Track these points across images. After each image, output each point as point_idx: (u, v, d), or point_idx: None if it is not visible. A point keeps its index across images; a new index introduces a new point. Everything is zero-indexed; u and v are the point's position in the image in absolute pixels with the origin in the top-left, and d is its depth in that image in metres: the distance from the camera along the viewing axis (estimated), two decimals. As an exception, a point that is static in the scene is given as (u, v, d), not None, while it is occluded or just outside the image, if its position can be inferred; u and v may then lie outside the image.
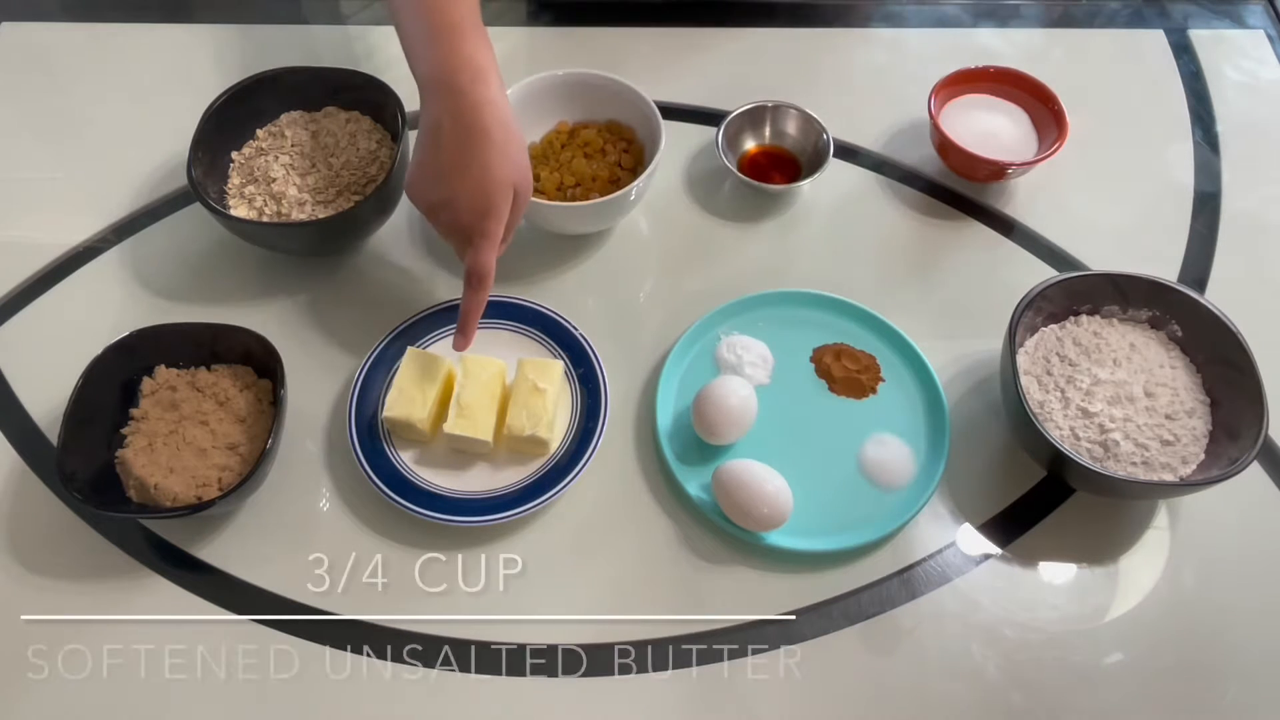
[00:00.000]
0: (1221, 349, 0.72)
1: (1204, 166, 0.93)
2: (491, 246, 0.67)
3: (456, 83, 0.66)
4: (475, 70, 0.66)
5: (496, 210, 0.67)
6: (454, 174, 0.66)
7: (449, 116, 0.66)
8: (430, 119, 0.67)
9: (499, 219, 0.67)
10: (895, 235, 0.88)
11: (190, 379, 0.74)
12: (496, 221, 0.67)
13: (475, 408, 0.72)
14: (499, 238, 0.68)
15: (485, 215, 0.66)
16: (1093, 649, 0.68)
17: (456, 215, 0.67)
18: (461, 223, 0.67)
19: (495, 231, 0.67)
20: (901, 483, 0.72)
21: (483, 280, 0.68)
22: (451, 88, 0.66)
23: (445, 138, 0.66)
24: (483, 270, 0.68)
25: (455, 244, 0.70)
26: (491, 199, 0.66)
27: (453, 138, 0.66)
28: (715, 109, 0.94)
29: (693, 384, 0.76)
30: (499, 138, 0.66)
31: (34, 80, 0.99)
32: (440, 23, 0.67)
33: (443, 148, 0.66)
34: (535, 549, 0.71)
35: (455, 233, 0.68)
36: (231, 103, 0.84)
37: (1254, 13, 1.06)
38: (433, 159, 0.67)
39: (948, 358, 0.79)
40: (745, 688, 0.66)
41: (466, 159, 0.65)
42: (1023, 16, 1.06)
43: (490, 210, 0.66)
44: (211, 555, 0.71)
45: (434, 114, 0.66)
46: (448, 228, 0.69)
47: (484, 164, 0.66)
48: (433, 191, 0.67)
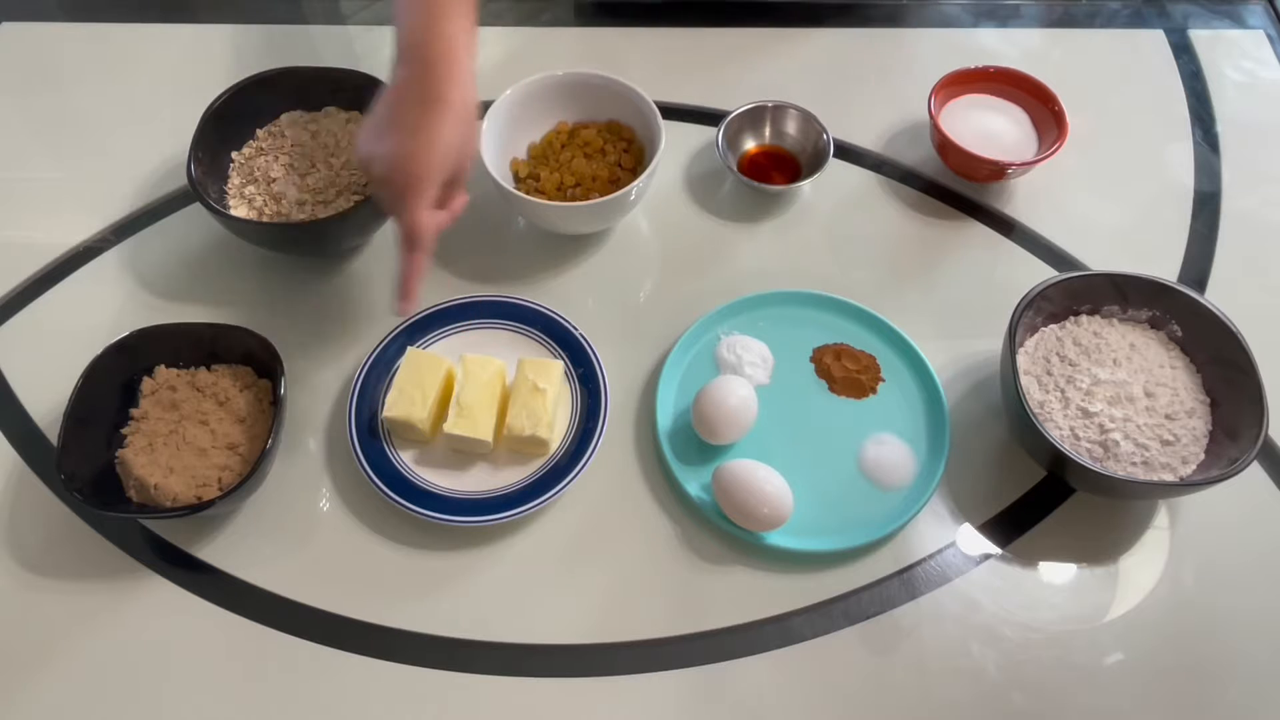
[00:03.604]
0: (1221, 349, 0.72)
1: (1204, 166, 0.93)
2: (422, 206, 0.67)
3: (427, 54, 0.67)
4: (448, 45, 0.67)
5: (433, 172, 0.67)
6: (403, 131, 0.66)
7: (414, 82, 0.67)
8: (394, 82, 0.68)
9: (433, 180, 0.67)
10: (895, 235, 0.88)
11: (190, 379, 0.74)
12: (430, 183, 0.67)
13: (475, 408, 0.72)
14: (430, 198, 0.68)
15: (422, 175, 0.67)
16: (1093, 649, 0.68)
17: (393, 168, 0.67)
18: (396, 177, 0.67)
19: (428, 191, 0.67)
20: (901, 483, 0.72)
21: (420, 240, 0.68)
22: (422, 58, 0.67)
23: (404, 99, 0.67)
24: (419, 229, 0.67)
25: (386, 199, 0.69)
26: (431, 161, 0.67)
27: (411, 100, 0.67)
28: (715, 109, 0.94)
29: (693, 384, 0.76)
30: (457, 109, 0.67)
31: (34, 80, 0.99)
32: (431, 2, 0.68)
33: (398, 107, 0.67)
34: (535, 549, 0.71)
35: (386, 185, 0.68)
36: (231, 103, 0.84)
37: (1254, 13, 1.06)
38: (385, 115, 0.68)
39: (948, 358, 0.79)
40: (745, 688, 0.66)
41: (418, 120, 0.66)
42: (1023, 16, 1.06)
43: (427, 171, 0.67)
44: (211, 555, 0.71)
45: (399, 78, 0.68)
46: (381, 180, 0.68)
47: (434, 127, 0.66)
48: (377, 142, 0.67)
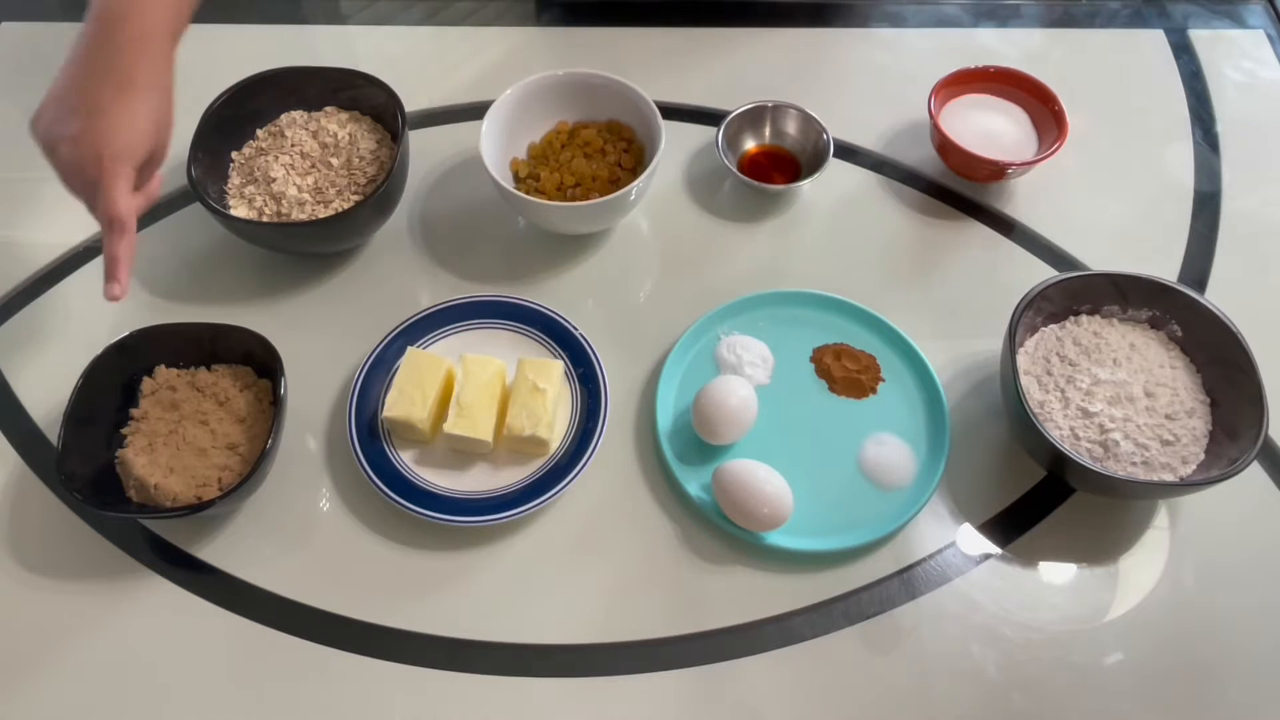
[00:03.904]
0: (1221, 349, 0.72)
1: (1204, 166, 0.93)
2: (119, 188, 0.65)
3: (121, 33, 0.64)
4: (148, 25, 0.65)
5: (127, 154, 0.65)
6: (93, 112, 0.64)
7: (103, 60, 0.64)
8: (81, 54, 0.65)
9: (126, 162, 0.65)
10: (895, 235, 0.88)
11: (190, 379, 0.74)
12: (124, 164, 0.65)
13: (475, 408, 0.72)
14: (129, 181, 0.65)
15: (117, 158, 0.64)
16: (1093, 649, 0.68)
17: (83, 151, 0.64)
18: (88, 162, 0.64)
19: (122, 173, 0.65)
20: (901, 483, 0.72)
21: (121, 224, 0.65)
22: (113, 35, 0.64)
23: (92, 76, 0.64)
24: (121, 215, 0.65)
25: (78, 185, 0.66)
26: (129, 142, 0.64)
27: (98, 78, 0.64)
28: (715, 109, 0.94)
29: (693, 384, 0.76)
30: (149, 95, 0.65)
31: (34, 80, 0.98)
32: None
33: (86, 83, 0.64)
34: (535, 549, 0.71)
35: (76, 172, 0.65)
36: (231, 103, 0.84)
37: (1254, 13, 1.06)
38: (70, 92, 0.65)
39: (948, 358, 0.79)
40: (745, 688, 0.66)
41: (109, 101, 0.64)
42: (1023, 16, 1.06)
43: (124, 153, 0.64)
44: (211, 555, 0.71)
45: (85, 51, 0.65)
46: (69, 165, 0.65)
47: (126, 107, 0.64)
48: (64, 124, 0.64)
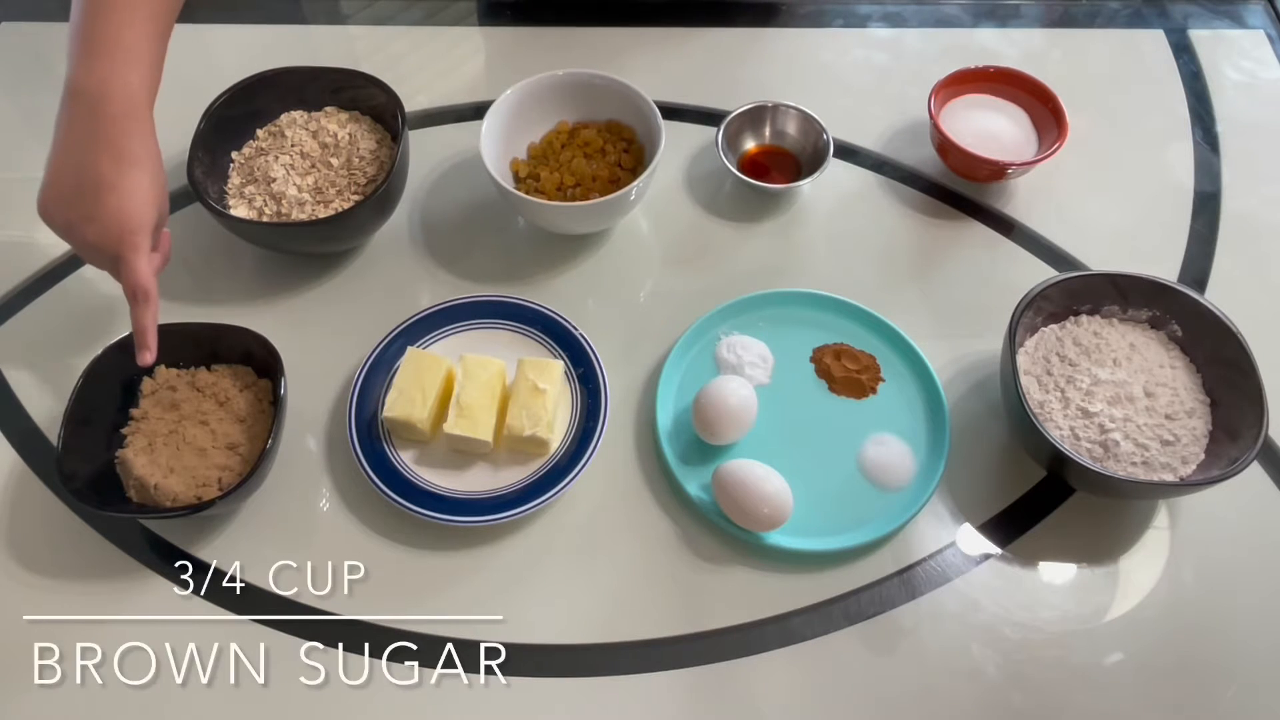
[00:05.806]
0: (1221, 349, 0.72)
1: (1204, 166, 0.93)
2: (143, 260, 0.66)
3: (109, 108, 0.65)
4: (132, 98, 0.66)
5: (144, 226, 0.66)
6: (101, 189, 0.65)
7: (98, 136, 0.65)
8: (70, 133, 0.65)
9: (146, 233, 0.66)
10: (895, 235, 0.88)
11: (190, 379, 0.74)
12: (144, 235, 0.66)
13: (475, 408, 0.72)
14: (147, 249, 0.67)
15: (136, 231, 0.66)
16: (1093, 649, 0.68)
17: (102, 230, 0.65)
18: (106, 239, 0.66)
19: (144, 245, 0.66)
20: (901, 483, 0.72)
21: (147, 294, 0.66)
22: (103, 111, 0.65)
23: (88, 152, 0.65)
24: (144, 285, 0.66)
25: (98, 261, 0.68)
26: (143, 213, 0.66)
27: (97, 153, 0.65)
28: (715, 109, 0.94)
29: (693, 384, 0.76)
30: (147, 165, 0.66)
31: (34, 80, 0.99)
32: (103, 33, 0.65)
33: (85, 162, 0.65)
34: (535, 549, 0.71)
35: (98, 250, 0.67)
36: (231, 103, 0.84)
37: (1254, 13, 1.06)
38: (70, 173, 0.65)
39: (948, 358, 0.79)
40: (745, 688, 0.66)
41: (113, 177, 0.65)
42: (1023, 16, 1.06)
43: (141, 224, 0.66)
44: (211, 555, 0.70)
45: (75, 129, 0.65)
46: (89, 245, 0.67)
47: (133, 179, 0.65)
48: (71, 208, 0.65)
